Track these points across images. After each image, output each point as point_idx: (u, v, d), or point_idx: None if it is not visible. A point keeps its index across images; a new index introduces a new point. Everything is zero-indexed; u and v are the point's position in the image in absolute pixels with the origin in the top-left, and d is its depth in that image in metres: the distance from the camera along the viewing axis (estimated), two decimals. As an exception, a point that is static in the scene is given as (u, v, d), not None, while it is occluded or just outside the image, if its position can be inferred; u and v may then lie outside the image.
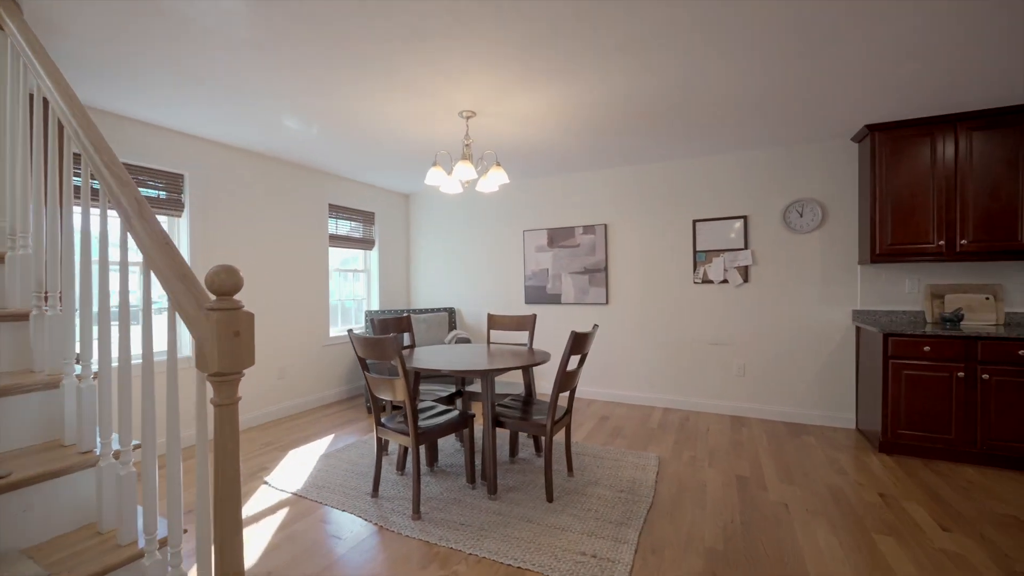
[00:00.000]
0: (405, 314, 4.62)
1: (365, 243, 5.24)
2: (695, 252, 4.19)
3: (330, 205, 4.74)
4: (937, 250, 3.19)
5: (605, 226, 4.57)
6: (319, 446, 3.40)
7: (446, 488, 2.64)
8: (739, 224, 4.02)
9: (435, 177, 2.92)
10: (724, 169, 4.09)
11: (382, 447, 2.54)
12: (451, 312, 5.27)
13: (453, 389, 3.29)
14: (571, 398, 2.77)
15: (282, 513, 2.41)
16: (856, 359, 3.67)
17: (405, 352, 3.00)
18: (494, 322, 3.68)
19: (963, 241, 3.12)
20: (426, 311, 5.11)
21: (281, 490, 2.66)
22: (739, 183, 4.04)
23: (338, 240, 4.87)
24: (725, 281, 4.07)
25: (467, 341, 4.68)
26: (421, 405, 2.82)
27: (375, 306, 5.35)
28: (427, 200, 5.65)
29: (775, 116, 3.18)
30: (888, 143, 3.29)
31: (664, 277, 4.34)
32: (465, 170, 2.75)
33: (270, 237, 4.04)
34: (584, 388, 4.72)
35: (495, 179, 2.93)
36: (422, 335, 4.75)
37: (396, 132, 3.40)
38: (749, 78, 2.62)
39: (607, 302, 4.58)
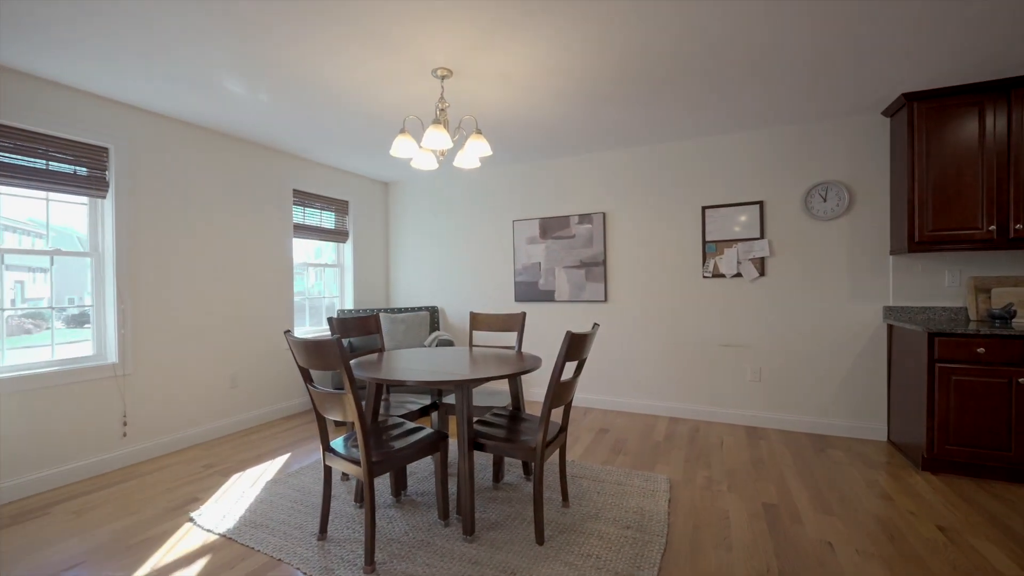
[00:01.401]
0: (374, 313, 4.12)
1: (338, 235, 4.73)
2: (704, 243, 3.74)
3: (296, 191, 4.23)
4: (986, 236, 2.76)
5: (603, 215, 4.11)
6: (269, 469, 2.89)
7: (413, 526, 2.15)
8: (754, 211, 3.57)
9: (403, 148, 2.43)
10: (737, 150, 3.64)
11: (330, 477, 2.04)
12: (433, 311, 4.78)
13: (429, 400, 2.81)
14: (566, 412, 2.30)
15: (200, 564, 1.90)
16: (888, 362, 3.24)
17: (368, 358, 2.51)
18: (477, 322, 3.20)
19: (1018, 226, 2.69)
20: (405, 310, 4.62)
21: (208, 530, 2.15)
22: (754, 165, 3.59)
23: (306, 231, 4.36)
24: (739, 275, 3.62)
25: (450, 344, 4.19)
26: (383, 422, 2.33)
27: (349, 304, 4.84)
28: (408, 189, 5.15)
29: (797, 82, 2.74)
30: (928, 115, 2.86)
31: (669, 271, 3.88)
32: (437, 137, 2.27)
33: (219, 225, 3.52)
34: (580, 395, 4.25)
35: (475, 150, 2.45)
36: (398, 337, 4.25)
37: (360, 98, 2.91)
38: (769, 33, 2.16)
39: (606, 299, 4.12)
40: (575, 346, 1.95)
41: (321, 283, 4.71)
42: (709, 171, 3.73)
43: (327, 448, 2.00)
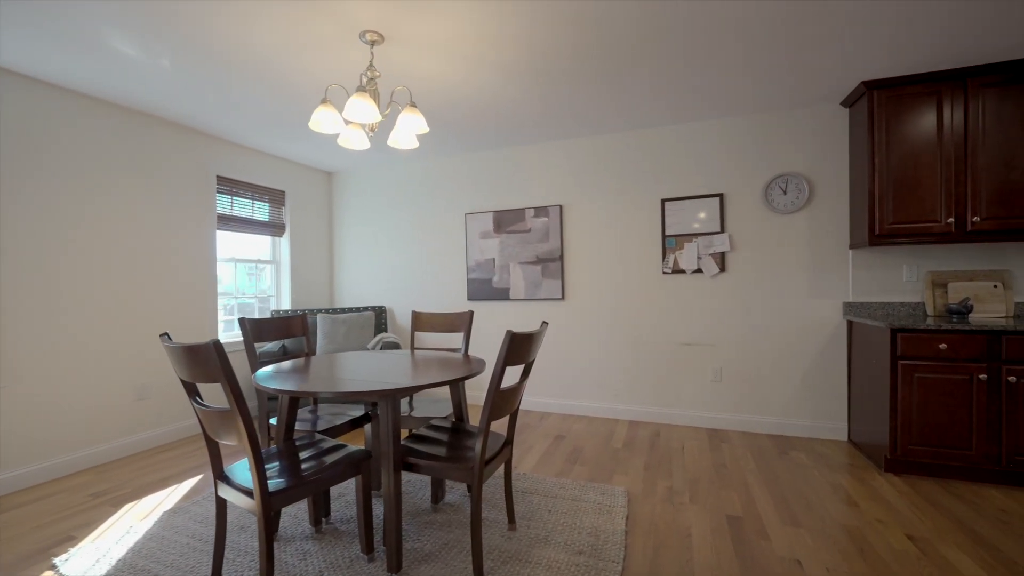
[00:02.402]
0: (300, 313, 3.74)
1: (273, 228, 4.30)
2: (664, 237, 3.57)
3: (220, 178, 3.78)
4: (945, 229, 2.69)
5: (560, 207, 3.88)
6: (173, 495, 2.48)
7: (331, 562, 1.83)
8: (714, 204, 3.43)
9: (325, 120, 2.10)
10: (697, 139, 3.49)
11: (225, 511, 1.69)
12: (380, 312, 4.42)
13: (363, 411, 2.48)
14: (512, 423, 2.03)
15: (47, 630, 1.51)
16: (848, 360, 3.15)
17: (286, 365, 2.16)
18: (420, 323, 2.89)
19: (975, 219, 2.64)
20: (348, 311, 4.24)
21: (71, 581, 1.75)
22: (714, 156, 3.45)
23: (234, 223, 3.91)
24: (699, 270, 3.47)
25: (396, 346, 3.86)
26: (302, 439, 1.99)
27: (286, 305, 4.41)
28: (353, 179, 4.76)
29: (758, 69, 2.59)
30: (888, 104, 2.77)
31: (629, 267, 3.69)
32: (362, 107, 1.95)
33: (124, 215, 3.06)
34: (536, 399, 4.00)
35: (409, 126, 2.14)
36: (339, 340, 3.87)
37: (281, 68, 2.55)
38: (732, 10, 1.98)
39: (563, 297, 3.89)
40: (517, 348, 1.68)
41: (254, 281, 4.26)
42: (669, 162, 3.57)
43: (220, 476, 1.65)
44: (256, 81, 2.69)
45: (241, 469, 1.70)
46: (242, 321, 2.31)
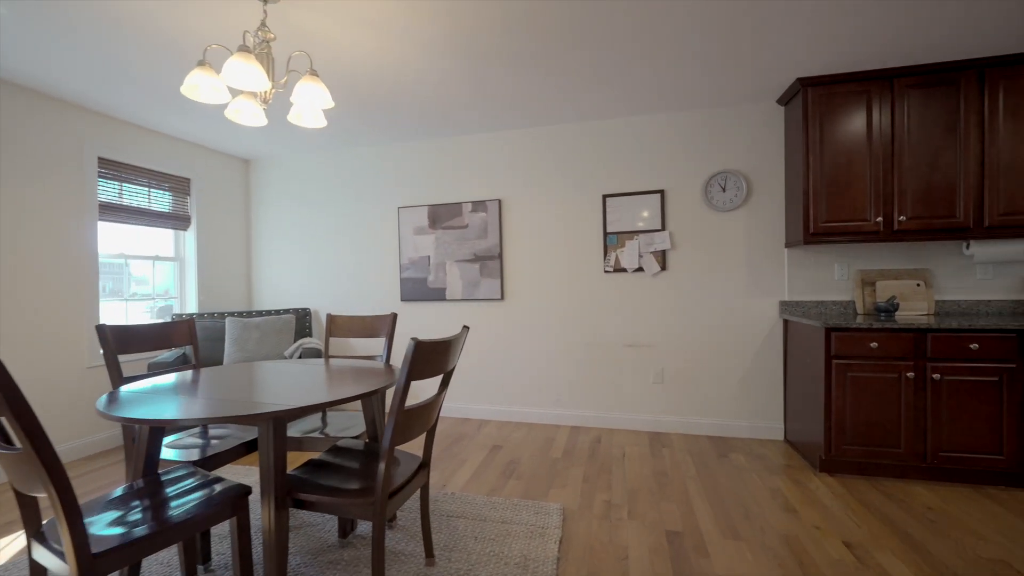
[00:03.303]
0: (186, 318, 3.31)
1: (175, 220, 3.78)
2: (605, 234, 3.43)
3: (103, 160, 3.24)
4: (874, 228, 2.71)
5: (499, 202, 3.65)
6: (13, 543, 2.02)
7: (198, 626, 1.49)
8: (655, 200, 3.33)
9: (202, 86, 1.74)
10: (638, 134, 3.38)
11: (45, 576, 1.32)
12: (304, 314, 4.01)
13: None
14: (429, 442, 1.77)
15: None
16: (784, 359, 3.14)
17: (157, 382, 1.78)
18: (336, 327, 2.56)
19: (901, 218, 2.67)
20: (265, 314, 3.80)
21: None
22: (655, 151, 3.35)
23: (121, 213, 3.38)
24: (640, 269, 3.36)
25: (318, 353, 3.48)
26: (173, 473, 1.63)
27: (192, 308, 3.90)
28: (274, 168, 4.30)
29: (697, 60, 2.48)
30: (822, 101, 2.76)
31: (570, 266, 3.52)
32: (243, 70, 1.61)
33: (-38, 198, 2.51)
34: (475, 407, 3.76)
35: (309, 97, 1.83)
36: (250, 347, 3.44)
37: (159, 24, 2.14)
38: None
39: (502, 297, 3.66)
40: (425, 359, 1.42)
41: (152, 281, 3.72)
42: (610, 157, 3.43)
43: (35, 534, 1.28)
44: (133, 42, 2.26)
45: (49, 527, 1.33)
46: (100, 329, 1.89)
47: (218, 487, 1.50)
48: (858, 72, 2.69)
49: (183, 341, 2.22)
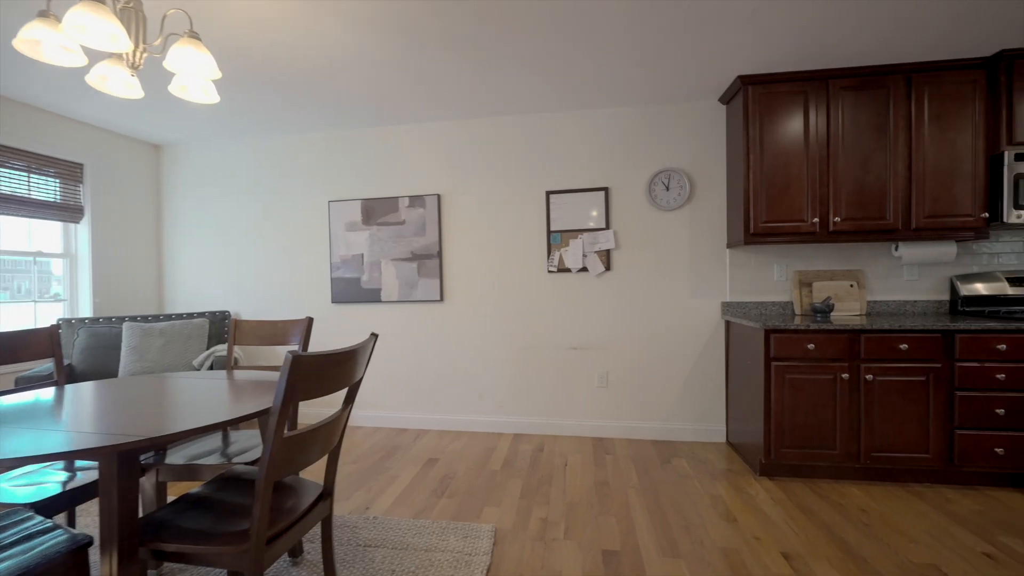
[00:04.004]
0: (55, 324, 2.89)
1: (64, 211, 3.29)
2: (549, 233, 3.28)
3: (-36, 139, 2.75)
4: (811, 229, 2.71)
5: (438, 197, 3.43)
6: None
7: None
8: (599, 198, 3.22)
9: (44, 40, 1.42)
10: (583, 129, 3.25)
11: None
12: (222, 318, 3.61)
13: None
14: (332, 467, 1.54)
15: None
16: (726, 360, 3.11)
17: (10, 402, 1.44)
18: (242, 333, 2.26)
19: (836, 219, 2.68)
20: (176, 317, 3.39)
21: None
22: (600, 147, 3.24)
23: (-11, 202, 2.89)
24: (584, 269, 3.24)
25: (235, 362, 3.11)
26: (4, 518, 1.30)
27: (86, 312, 3.42)
28: (191, 155, 3.87)
29: (638, 53, 2.37)
30: (762, 100, 2.73)
31: (513, 265, 3.35)
32: (91, 23, 1.31)
33: None
34: (413, 416, 3.51)
35: (188, 63, 1.54)
36: (152, 356, 3.04)
37: (7, -24, 1.78)
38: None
39: (441, 299, 3.44)
40: (312, 376, 1.19)
41: (33, 281, 3.22)
42: (554, 152, 3.29)
43: None
44: (-27, -8, 1.87)
45: None
46: (-87, 341, 1.52)
47: (49, 539, 1.20)
48: (796, 72, 2.68)
49: (43, 352, 1.86)
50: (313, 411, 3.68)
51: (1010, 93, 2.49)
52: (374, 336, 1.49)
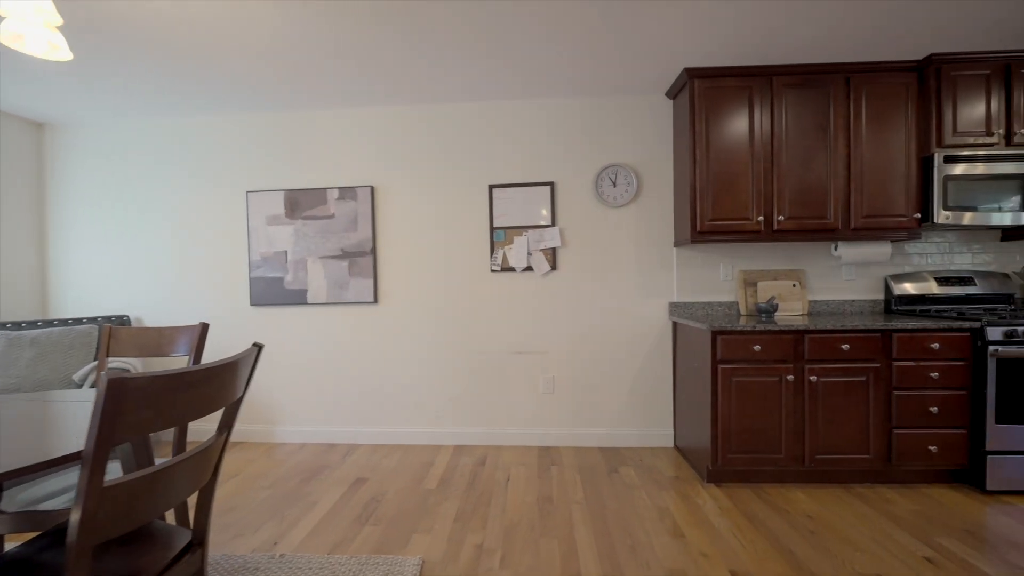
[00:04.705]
0: None
1: (-95, 198, 2.72)
2: (492, 229, 3.07)
3: None
4: (756, 228, 2.65)
5: (372, 189, 3.14)
6: None
7: None
8: (545, 193, 3.04)
9: None
10: (528, 120, 3.07)
11: None
12: (118, 324, 3.13)
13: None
14: (203, 510, 1.24)
15: None
16: (673, 363, 3.02)
17: None
18: (119, 342, 1.89)
19: (780, 217, 2.64)
20: (60, 324, 2.90)
21: None
22: (546, 140, 3.06)
23: None
24: (529, 268, 3.05)
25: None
26: None
27: (-63, 318, 2.85)
28: (82, 137, 3.35)
29: (585, 33, 2.21)
30: (708, 95, 2.65)
31: (454, 264, 3.12)
32: None
33: None
34: (343, 430, 3.19)
35: (16, 6, 1.20)
36: (20, 370, 2.56)
37: None
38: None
39: (376, 300, 3.15)
40: (147, 405, 0.90)
41: None
42: (498, 143, 3.09)
43: None
44: None
45: None
46: None
47: None
48: (742, 67, 2.62)
49: None
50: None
51: (939, 96, 2.54)
52: (257, 347, 1.21)
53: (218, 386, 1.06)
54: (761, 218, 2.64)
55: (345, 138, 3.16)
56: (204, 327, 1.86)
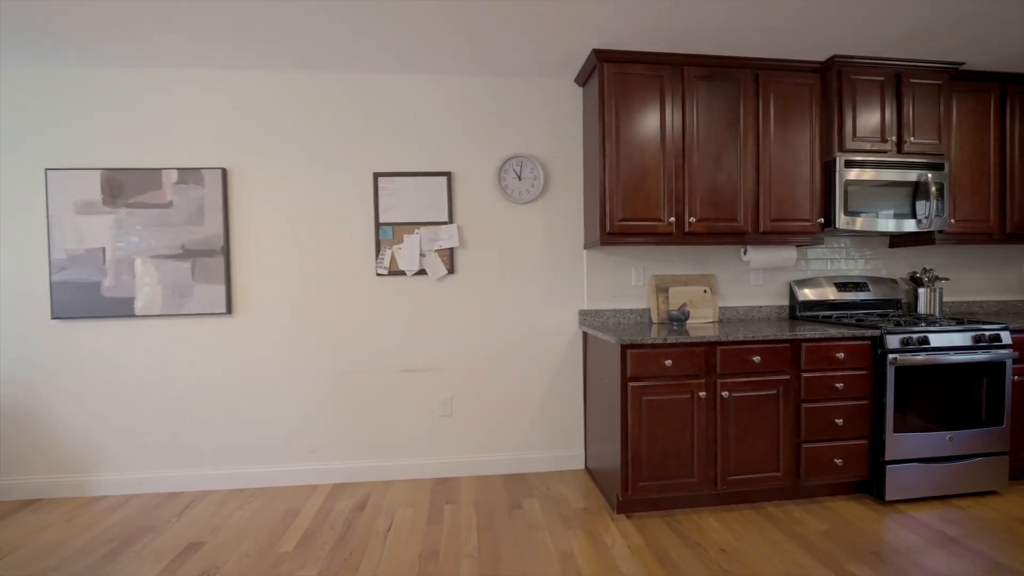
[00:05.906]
0: None
1: None
2: (378, 226, 2.60)
3: None
4: (667, 229, 2.45)
5: (224, 172, 2.52)
6: None
7: None
8: (441, 184, 2.63)
9: None
10: (422, 98, 2.63)
11: None
12: None
13: None
14: None
15: None
16: (584, 376, 2.76)
17: None
18: None
19: (691, 219, 2.45)
20: None
21: None
22: (443, 123, 2.65)
23: None
24: (422, 272, 2.62)
25: None
26: None
27: None
28: None
29: (478, 10, 1.84)
30: (619, 82, 2.39)
31: (330, 266, 2.60)
32: None
33: None
34: (185, 474, 2.54)
35: None
36: None
37: None
38: None
39: (229, 311, 2.53)
40: None
41: None
42: (384, 125, 2.62)
43: None
44: None
45: None
46: None
47: None
48: (653, 53, 2.39)
49: None
50: (37, 481, 2.47)
51: (840, 99, 2.49)
52: None
53: None
54: (673, 219, 2.44)
55: (190, 107, 2.51)
56: None
